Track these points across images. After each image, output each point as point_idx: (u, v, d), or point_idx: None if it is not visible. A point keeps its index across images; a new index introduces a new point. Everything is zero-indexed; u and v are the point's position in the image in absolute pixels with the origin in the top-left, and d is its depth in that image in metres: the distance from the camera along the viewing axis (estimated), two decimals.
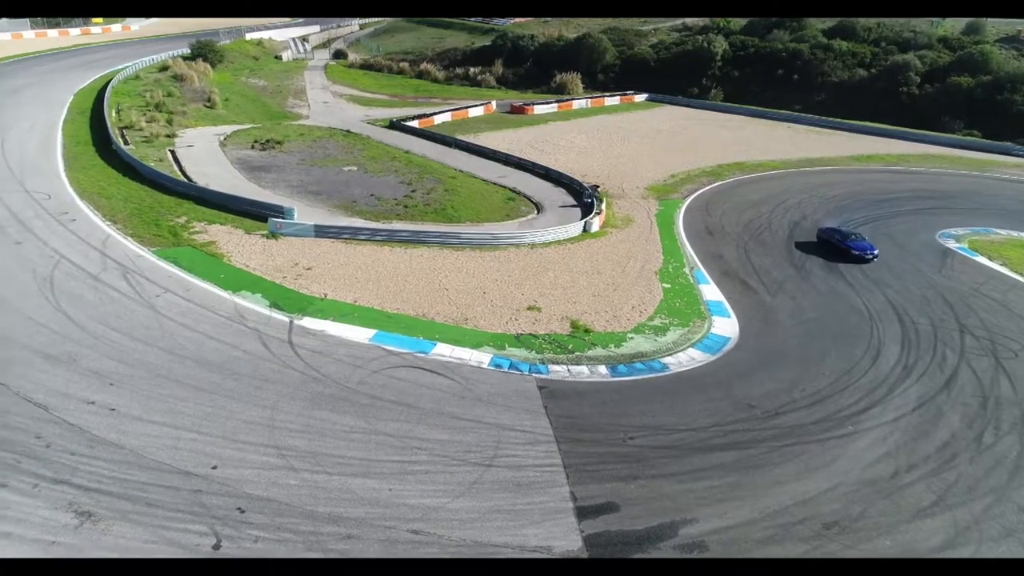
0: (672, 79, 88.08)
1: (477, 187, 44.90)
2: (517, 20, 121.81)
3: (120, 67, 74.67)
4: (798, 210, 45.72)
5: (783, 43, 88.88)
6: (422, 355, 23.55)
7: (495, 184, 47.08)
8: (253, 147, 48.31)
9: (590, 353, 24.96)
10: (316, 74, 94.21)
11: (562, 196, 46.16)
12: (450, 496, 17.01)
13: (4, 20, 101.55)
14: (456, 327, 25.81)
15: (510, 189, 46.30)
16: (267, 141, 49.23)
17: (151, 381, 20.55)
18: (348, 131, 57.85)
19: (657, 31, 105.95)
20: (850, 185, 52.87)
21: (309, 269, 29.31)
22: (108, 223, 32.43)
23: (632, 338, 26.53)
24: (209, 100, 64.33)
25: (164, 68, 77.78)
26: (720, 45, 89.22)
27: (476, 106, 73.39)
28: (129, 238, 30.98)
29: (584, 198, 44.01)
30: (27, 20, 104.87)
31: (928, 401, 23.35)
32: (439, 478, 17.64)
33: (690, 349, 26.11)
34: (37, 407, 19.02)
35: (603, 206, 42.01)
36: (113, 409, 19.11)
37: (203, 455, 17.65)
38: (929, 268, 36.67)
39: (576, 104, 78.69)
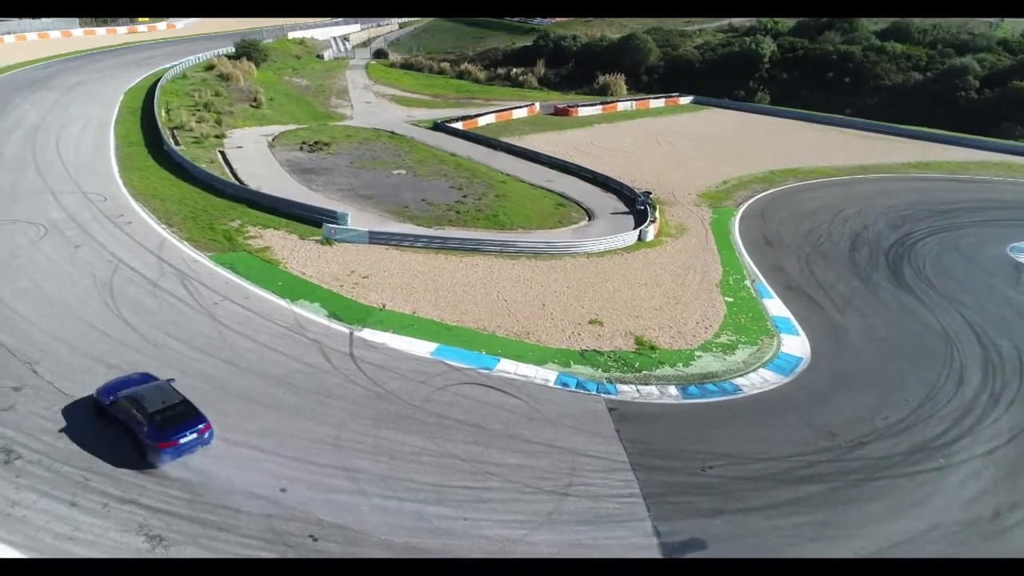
0: (718, 81, 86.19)
1: (527, 192, 44.12)
2: (558, 20, 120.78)
3: (167, 66, 75.50)
4: (858, 220, 44.10)
5: (834, 45, 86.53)
6: (486, 371, 22.82)
7: (544, 189, 46.24)
8: (302, 148, 48.11)
9: (658, 372, 24.00)
10: (358, 73, 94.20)
11: (612, 202, 45.18)
12: (528, 527, 16.24)
13: (52, 19, 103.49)
14: (518, 342, 25.03)
15: (559, 194, 45.43)
16: (315, 143, 49.00)
17: (213, 395, 20.10)
18: (393, 133, 57.47)
19: (702, 32, 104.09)
20: (910, 194, 50.97)
21: (365, 277, 28.77)
22: (163, 226, 32.29)
23: (700, 356, 25.50)
24: (255, 100, 64.50)
25: (210, 67, 78.37)
26: (768, 47, 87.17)
27: (520, 108, 72.58)
28: (185, 242, 30.76)
29: (636, 205, 42.96)
30: (76, 19, 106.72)
31: (1022, 433, 21.95)
32: (515, 507, 16.88)
33: (761, 370, 25.00)
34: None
35: (657, 214, 40.92)
36: None
37: (270, 475, 17.12)
38: (1003, 284, 34.98)
39: (620, 106, 77.46)
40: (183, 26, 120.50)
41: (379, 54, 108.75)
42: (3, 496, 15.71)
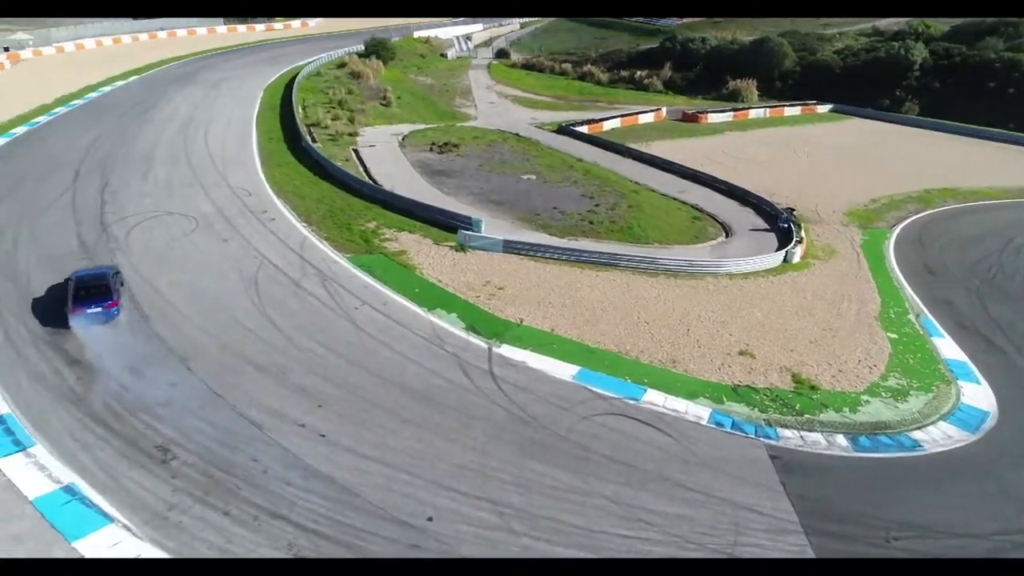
0: (860, 89, 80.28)
1: (660, 203, 42.14)
2: (685, 20, 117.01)
3: (302, 63, 78.30)
4: None
5: (996, 51, 78.75)
6: (632, 402, 21.33)
7: (677, 200, 44.06)
8: (431, 149, 48.17)
9: (823, 417, 21.70)
10: (480, 73, 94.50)
11: (751, 218, 42.41)
12: None
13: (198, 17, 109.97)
14: (664, 370, 23.37)
15: (693, 206, 43.13)
16: (445, 144, 48.97)
17: (358, 405, 19.73)
18: (519, 135, 56.75)
19: (843, 35, 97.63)
20: None
21: (501, 289, 27.92)
22: (304, 224, 32.76)
23: (868, 402, 22.94)
24: (384, 98, 65.63)
25: (342, 65, 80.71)
26: (919, 52, 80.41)
27: (646, 112, 70.26)
28: (324, 241, 31.03)
29: (779, 222, 40.03)
30: (220, 16, 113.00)
31: None
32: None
33: (942, 423, 22.16)
34: (252, 424, 18.64)
35: (803, 233, 37.96)
36: (323, 436, 18.37)
37: (417, 502, 16.40)
38: None
39: (753, 113, 73.63)
40: (315, 24, 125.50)
41: (501, 54, 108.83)
42: (161, 498, 15.75)
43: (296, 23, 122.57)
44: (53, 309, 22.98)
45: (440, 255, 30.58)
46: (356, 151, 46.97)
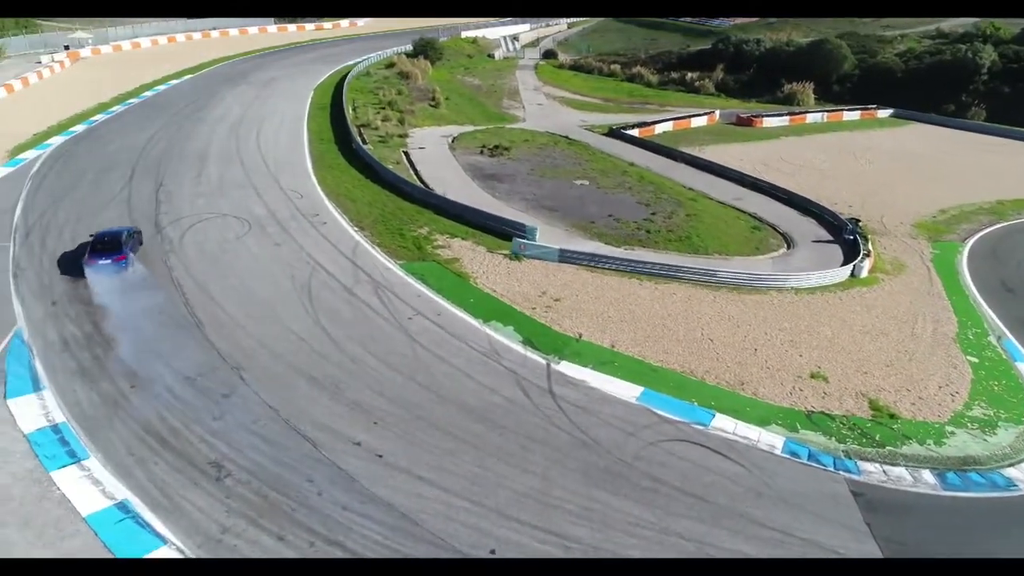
0: (923, 93, 77.11)
1: (718, 212, 40.67)
2: (737, 21, 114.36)
3: (351, 62, 78.52)
4: None
5: None
6: (700, 427, 20.17)
7: (735, 208, 42.52)
8: (482, 152, 47.43)
9: (905, 450, 20.24)
10: (527, 74, 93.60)
11: (813, 228, 40.64)
12: None
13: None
14: (733, 393, 22.14)
15: (752, 215, 41.54)
16: (495, 147, 48.19)
17: (413, 424, 19.01)
18: (569, 138, 55.68)
19: (904, 37, 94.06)
20: None
21: (557, 300, 26.96)
22: (355, 229, 32.29)
23: (953, 433, 21.38)
24: (433, 99, 65.19)
25: (390, 65, 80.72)
26: (988, 55, 76.85)
27: (699, 116, 68.43)
28: (376, 247, 30.49)
29: (844, 234, 38.23)
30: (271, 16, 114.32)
31: None
32: None
33: None
34: (306, 440, 18.06)
35: (870, 247, 36.17)
36: (380, 456, 17.68)
37: (478, 532, 15.58)
38: None
39: (810, 118, 71.14)
40: (363, 24, 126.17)
41: (548, 55, 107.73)
42: (215, 520, 15.23)
43: (344, 23, 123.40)
44: (108, 311, 22.84)
45: (494, 263, 29.76)
46: (406, 153, 46.50)
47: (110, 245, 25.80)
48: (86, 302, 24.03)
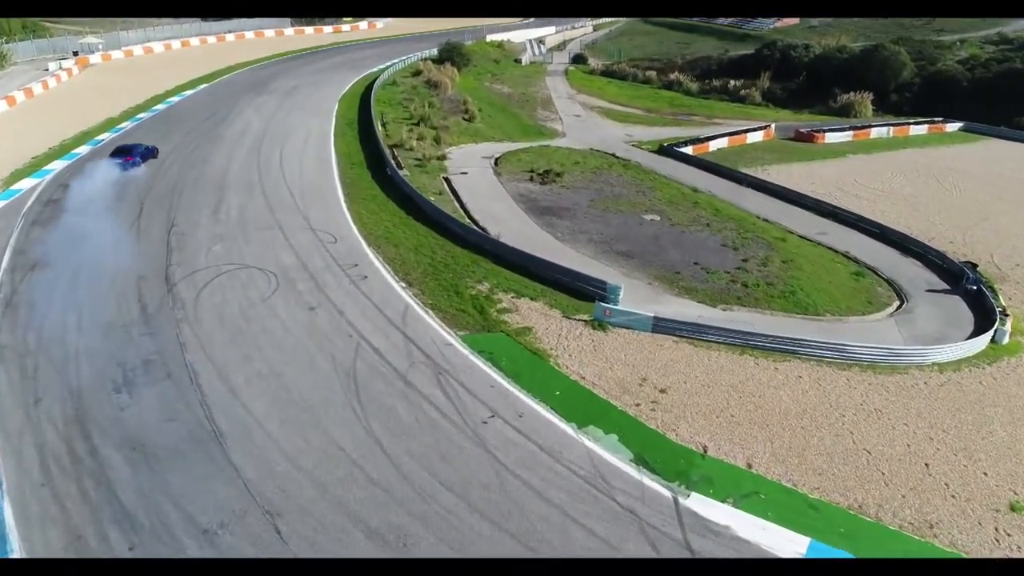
0: (989, 104, 71.20)
1: (811, 253, 35.25)
2: (777, 24, 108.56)
3: (375, 69, 73.88)
4: None
5: None
6: None
7: (825, 246, 37.11)
8: (532, 179, 42.07)
9: None
10: (558, 80, 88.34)
11: (920, 272, 35.19)
12: None
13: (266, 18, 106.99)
14: (925, 543, 16.71)
15: (844, 254, 36.15)
16: (545, 172, 42.80)
17: None
18: (624, 162, 50.20)
19: (964, 43, 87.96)
20: None
21: (663, 392, 21.60)
22: (403, 285, 27.10)
23: None
24: (466, 111, 60.11)
25: (417, 72, 75.78)
26: None
27: (754, 130, 62.79)
28: (430, 311, 25.26)
29: (965, 284, 32.70)
30: (288, 18, 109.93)
31: None
32: None
33: None
34: None
35: (1002, 301, 30.72)
36: None
37: None
38: None
39: (874, 132, 65.32)
40: (383, 25, 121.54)
41: (578, 59, 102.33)
42: None
43: (363, 24, 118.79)
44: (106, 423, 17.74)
45: (575, 334, 24.42)
46: (447, 180, 41.29)
47: (124, 151, 37.94)
48: (75, 393, 18.99)
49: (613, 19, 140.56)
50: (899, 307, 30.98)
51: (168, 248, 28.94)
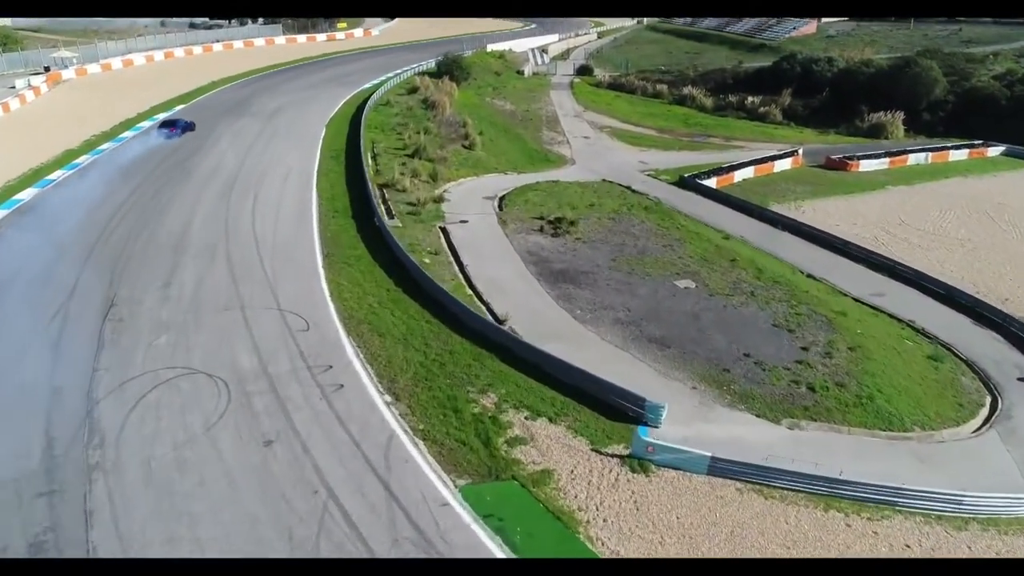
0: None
1: (880, 331, 29.64)
2: (793, 35, 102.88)
3: (367, 85, 68.65)
4: None
5: None
6: None
7: (881, 311, 31.69)
8: (542, 229, 36.41)
9: None
10: (563, 95, 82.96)
11: (1002, 348, 29.88)
12: None
13: (256, 26, 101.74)
14: None
15: (910, 325, 30.63)
16: (557, 220, 37.11)
17: None
18: (646, 200, 44.59)
19: (997, 56, 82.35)
20: None
21: None
22: (387, 399, 21.51)
23: None
24: (466, 136, 54.64)
25: (413, 89, 70.39)
26: None
27: (782, 157, 57.17)
28: (421, 443, 19.69)
29: None
30: (279, 25, 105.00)
31: None
32: None
33: None
34: None
35: None
36: None
37: None
38: None
39: (911, 158, 59.68)
40: (378, 32, 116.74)
41: (583, 71, 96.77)
42: None
43: (358, 32, 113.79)
44: None
45: (609, 482, 18.79)
46: (444, 231, 35.72)
47: (169, 124, 48.46)
48: None
49: (618, 26, 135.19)
50: (993, 407, 25.38)
51: (99, 342, 23.37)
